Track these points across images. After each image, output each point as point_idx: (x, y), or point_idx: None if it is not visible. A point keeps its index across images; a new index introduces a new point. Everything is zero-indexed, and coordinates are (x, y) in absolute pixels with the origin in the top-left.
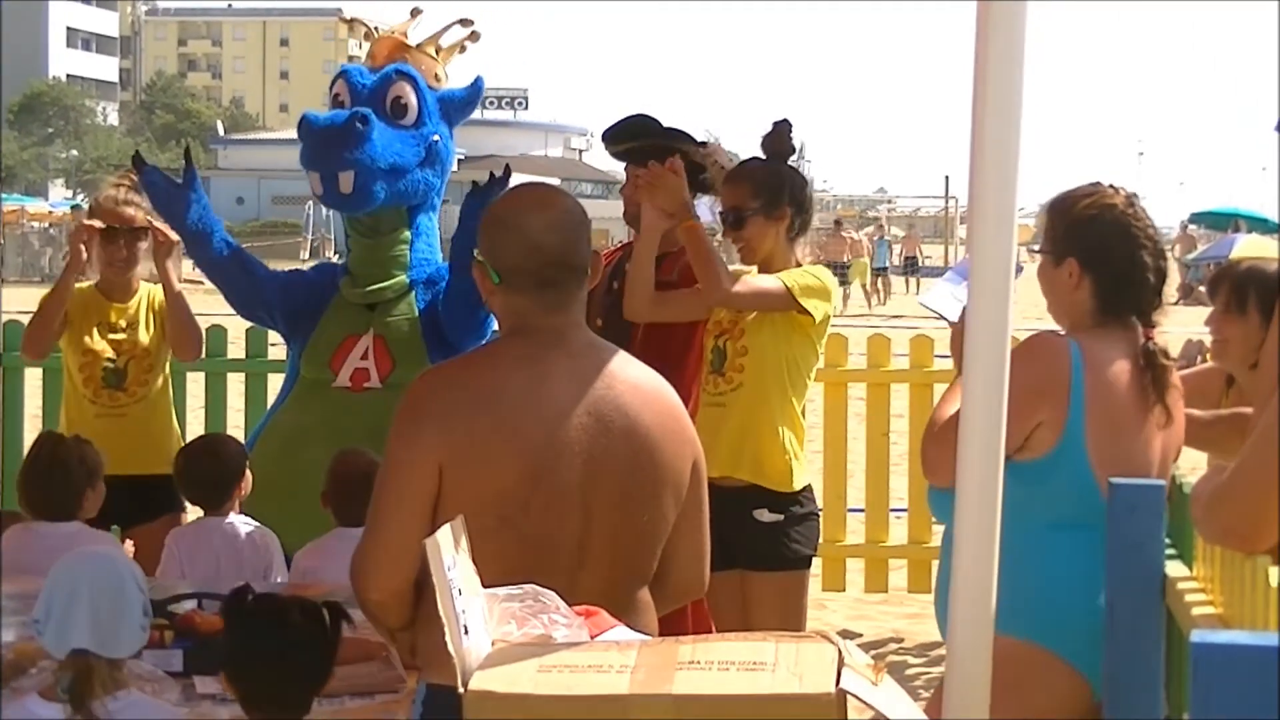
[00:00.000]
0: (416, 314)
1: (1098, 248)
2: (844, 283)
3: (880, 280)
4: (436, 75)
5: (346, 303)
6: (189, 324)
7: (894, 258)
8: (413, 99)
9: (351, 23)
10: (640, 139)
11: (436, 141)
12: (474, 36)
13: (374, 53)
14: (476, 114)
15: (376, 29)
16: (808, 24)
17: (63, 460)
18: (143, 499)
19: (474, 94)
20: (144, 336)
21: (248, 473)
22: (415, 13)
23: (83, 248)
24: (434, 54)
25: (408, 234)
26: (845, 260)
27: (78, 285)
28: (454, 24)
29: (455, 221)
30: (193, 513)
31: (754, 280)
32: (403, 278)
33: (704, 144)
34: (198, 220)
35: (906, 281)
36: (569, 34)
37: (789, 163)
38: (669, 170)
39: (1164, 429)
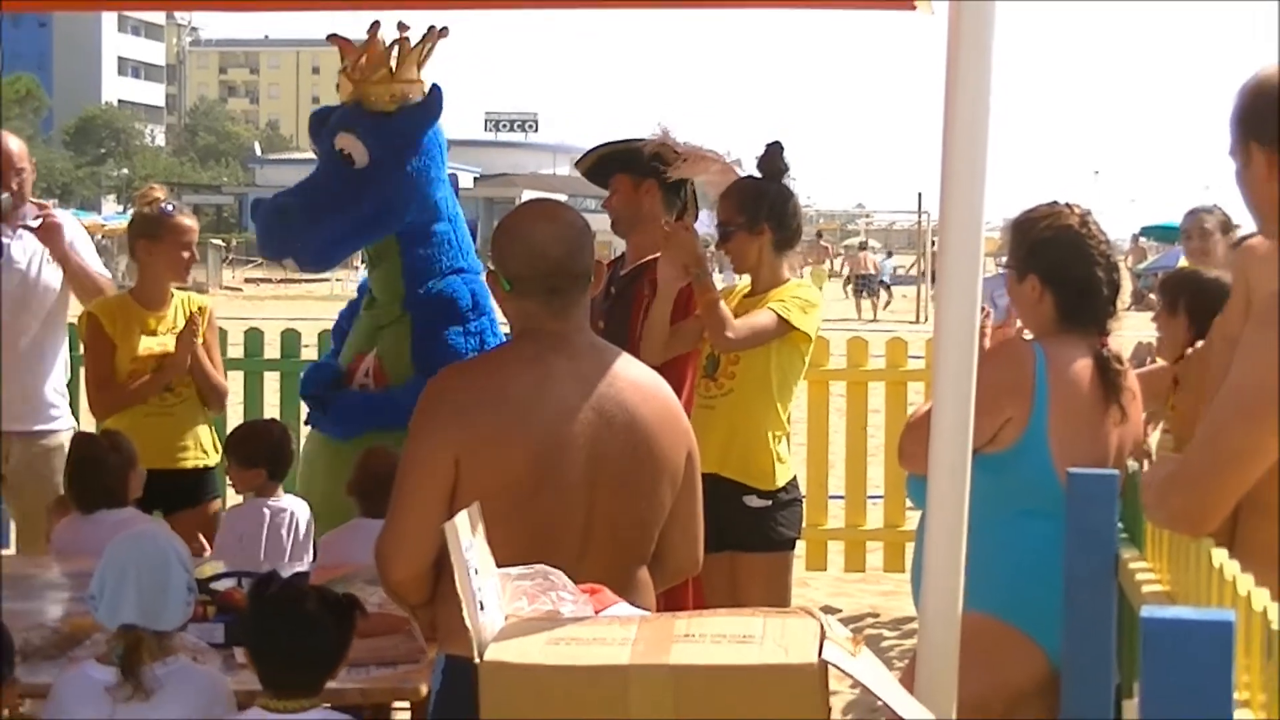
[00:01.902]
0: (409, 338)
1: (1056, 266)
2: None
3: (882, 291)
4: (407, 95)
5: (364, 323)
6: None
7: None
8: (357, 146)
9: (338, 42)
10: (597, 154)
11: (385, 183)
12: (443, 32)
13: (339, 85)
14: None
15: (347, 66)
16: (796, 55)
17: (99, 456)
18: (187, 488)
19: (432, 99)
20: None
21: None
22: (401, 27)
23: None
24: (416, 75)
25: (400, 263)
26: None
27: (115, 294)
28: (427, 37)
29: (477, 235)
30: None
31: (751, 321)
32: (396, 306)
33: (635, 141)
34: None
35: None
36: (574, 65)
37: (781, 181)
38: (682, 228)
39: (1119, 426)
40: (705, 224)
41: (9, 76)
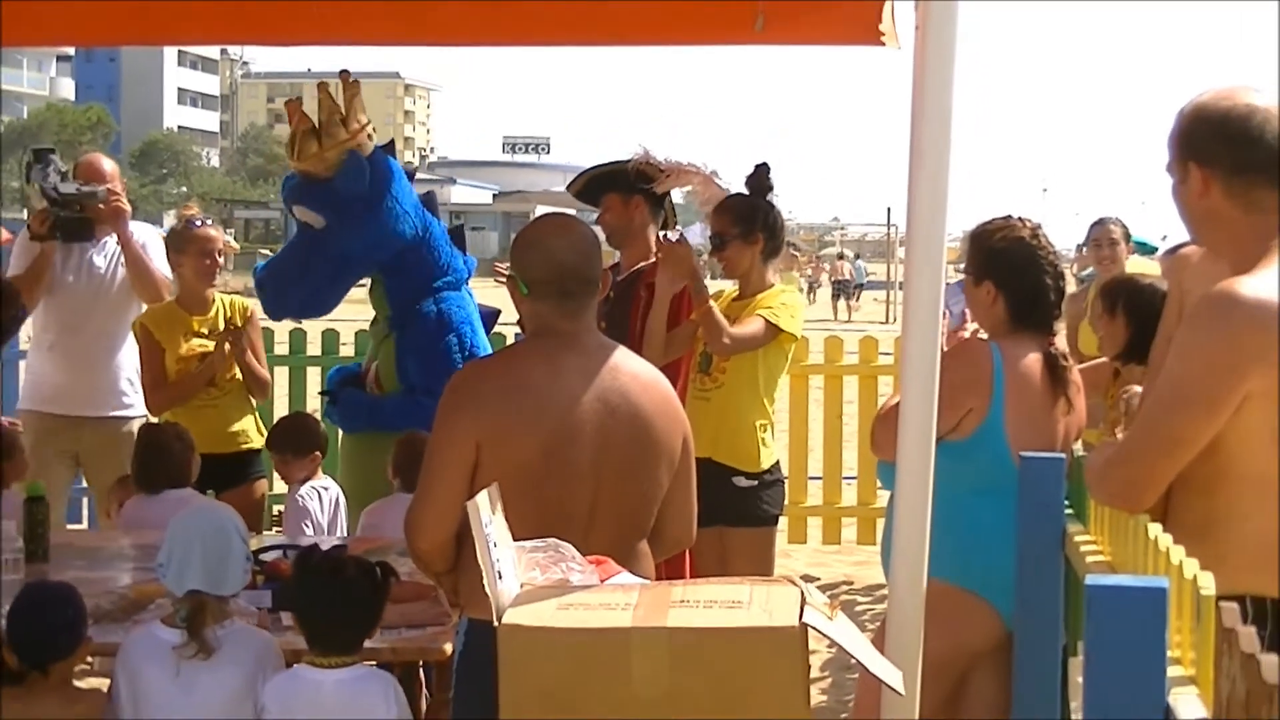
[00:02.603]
0: (393, 354)
1: (1009, 273)
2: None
3: (858, 294)
4: (341, 158)
5: (372, 335)
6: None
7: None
8: (309, 214)
9: (290, 107)
10: (586, 176)
11: (345, 237)
12: (354, 82)
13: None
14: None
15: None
16: (779, 85)
17: (165, 443)
18: (231, 470)
19: (353, 163)
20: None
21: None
22: (344, 74)
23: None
24: (361, 120)
25: (382, 289)
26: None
27: (162, 303)
28: (346, 82)
29: (495, 244)
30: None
31: (742, 328)
32: (385, 325)
33: (619, 163)
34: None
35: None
36: (581, 95)
37: (767, 197)
38: (678, 245)
39: (1066, 415)
40: (698, 235)
41: (82, 105)
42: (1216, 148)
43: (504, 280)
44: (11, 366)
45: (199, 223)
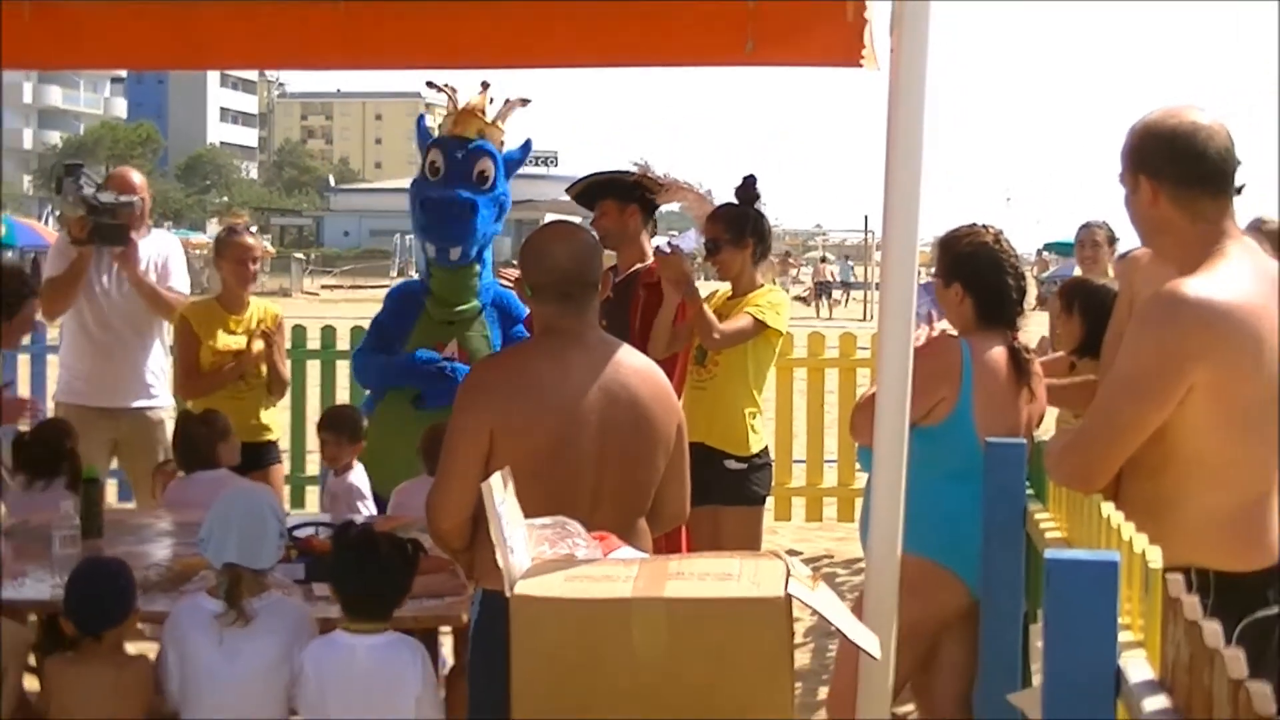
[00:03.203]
0: (488, 332)
1: (975, 275)
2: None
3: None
4: (501, 143)
5: (431, 319)
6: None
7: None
8: (492, 171)
9: (439, 87)
10: (586, 182)
11: (503, 198)
12: (525, 103)
13: (459, 122)
14: (520, 169)
15: (454, 90)
16: (767, 101)
17: (201, 430)
18: (254, 457)
19: (526, 152)
20: (256, 342)
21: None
22: (485, 85)
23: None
24: (500, 125)
25: (478, 267)
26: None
27: (200, 298)
28: (515, 103)
29: (508, 248)
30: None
31: (733, 324)
32: (476, 302)
33: (621, 172)
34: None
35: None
36: (586, 108)
37: (755, 206)
38: (672, 255)
39: (1028, 404)
40: (693, 241)
41: (133, 123)
42: (1165, 163)
43: (510, 284)
44: (40, 361)
45: (240, 231)
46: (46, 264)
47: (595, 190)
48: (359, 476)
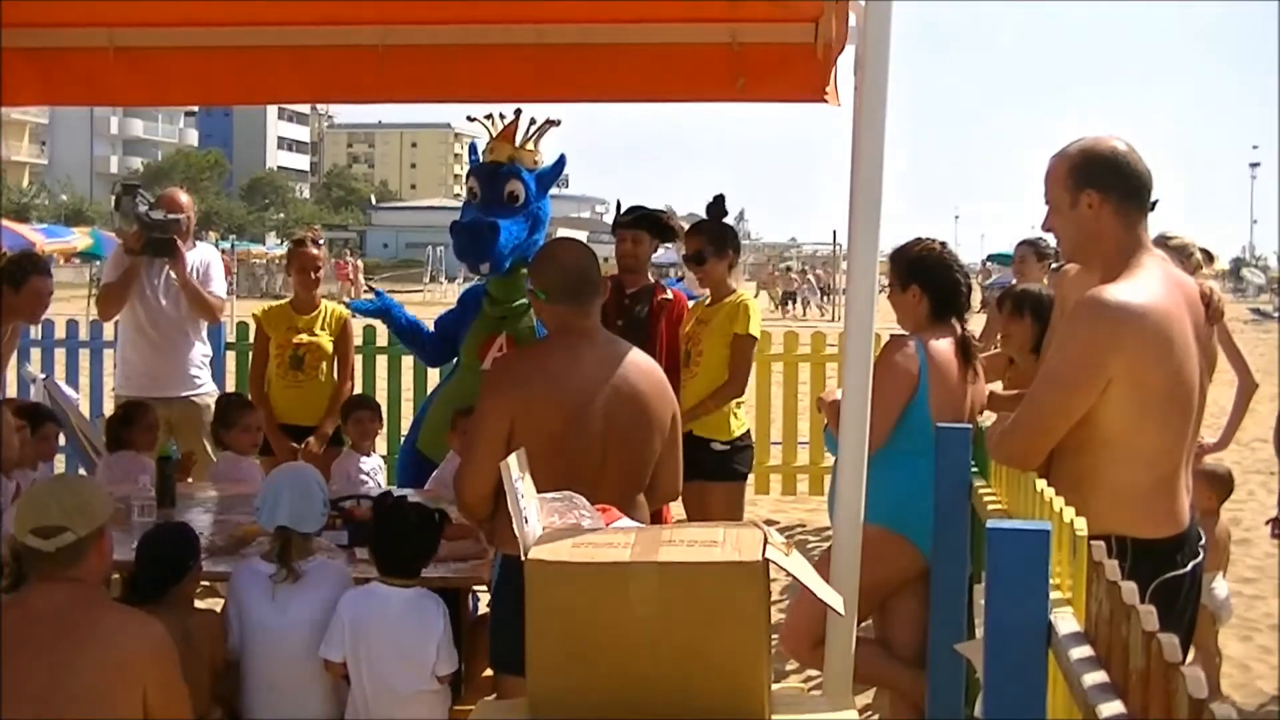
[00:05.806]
0: (533, 323)
1: (929, 275)
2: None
3: (809, 302)
4: (535, 161)
5: (487, 316)
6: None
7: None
8: (521, 191)
9: (479, 120)
10: (631, 215)
11: (538, 211)
12: (555, 124)
13: (492, 149)
14: None
15: (493, 118)
16: (748, 130)
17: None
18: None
19: (560, 165)
20: (320, 338)
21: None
22: (518, 113)
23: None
24: (533, 147)
25: (525, 270)
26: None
27: (275, 304)
28: (546, 124)
29: None
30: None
31: (739, 362)
32: (523, 300)
33: (663, 212)
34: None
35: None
36: (591, 140)
37: (725, 221)
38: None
39: (973, 384)
40: (674, 255)
41: (203, 150)
42: (1113, 178)
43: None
44: (98, 355)
45: (307, 244)
46: (104, 271)
47: (640, 219)
48: (380, 464)
